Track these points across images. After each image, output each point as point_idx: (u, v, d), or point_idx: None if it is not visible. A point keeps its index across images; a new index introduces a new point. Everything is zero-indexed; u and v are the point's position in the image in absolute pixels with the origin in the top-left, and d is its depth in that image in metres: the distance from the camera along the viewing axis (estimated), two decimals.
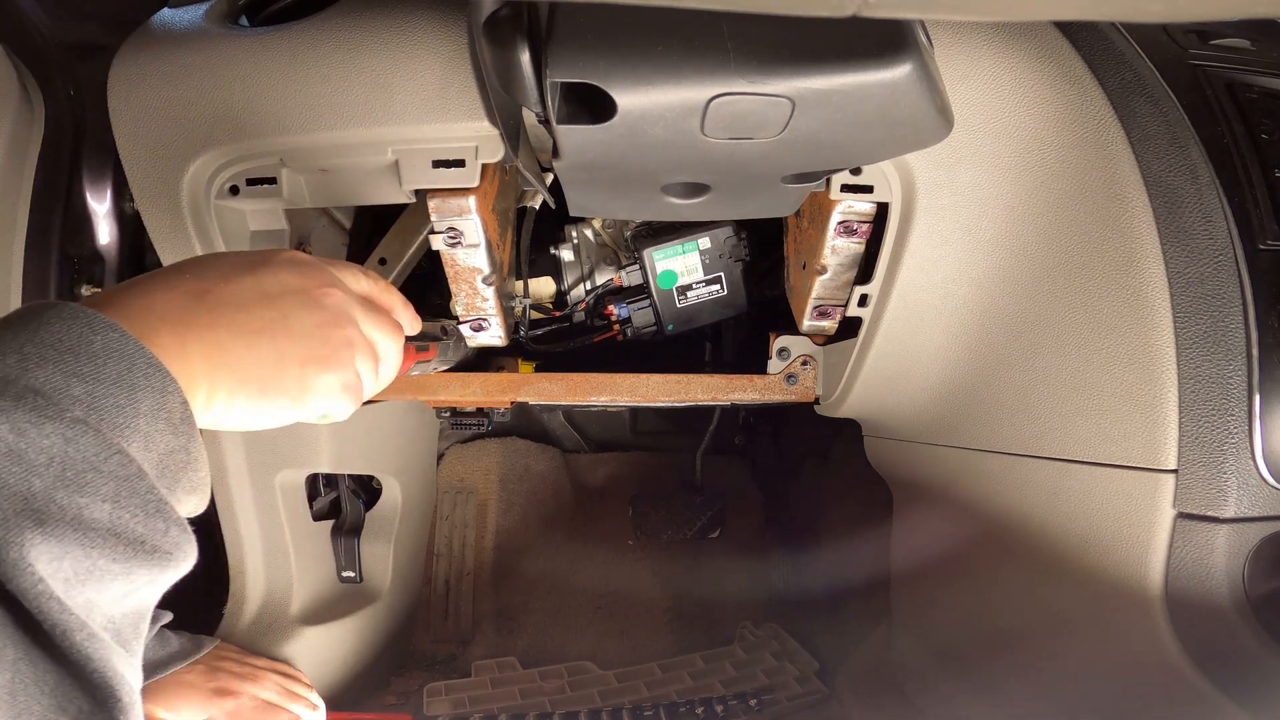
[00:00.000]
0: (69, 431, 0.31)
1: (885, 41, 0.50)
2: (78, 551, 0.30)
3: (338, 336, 0.47)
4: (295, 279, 0.46)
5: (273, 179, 0.79)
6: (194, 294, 0.41)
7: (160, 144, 0.78)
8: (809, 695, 1.19)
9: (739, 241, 1.02)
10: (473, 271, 0.85)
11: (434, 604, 1.48)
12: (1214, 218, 0.66)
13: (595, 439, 1.68)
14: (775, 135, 0.55)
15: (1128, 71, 0.71)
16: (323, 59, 0.73)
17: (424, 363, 0.73)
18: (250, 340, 0.42)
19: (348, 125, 0.74)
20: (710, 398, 1.03)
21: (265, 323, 0.43)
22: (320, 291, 0.47)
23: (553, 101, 0.53)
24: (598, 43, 0.50)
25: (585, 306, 1.09)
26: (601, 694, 1.21)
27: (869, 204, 0.81)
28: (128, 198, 0.98)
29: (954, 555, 0.99)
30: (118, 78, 0.76)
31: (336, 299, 0.48)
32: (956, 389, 0.89)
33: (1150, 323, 0.67)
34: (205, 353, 0.40)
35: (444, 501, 1.56)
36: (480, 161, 0.76)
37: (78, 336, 0.33)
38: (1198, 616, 0.67)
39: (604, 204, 0.74)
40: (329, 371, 0.46)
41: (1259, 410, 0.64)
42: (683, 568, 1.54)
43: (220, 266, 0.44)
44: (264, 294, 0.44)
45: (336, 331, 0.47)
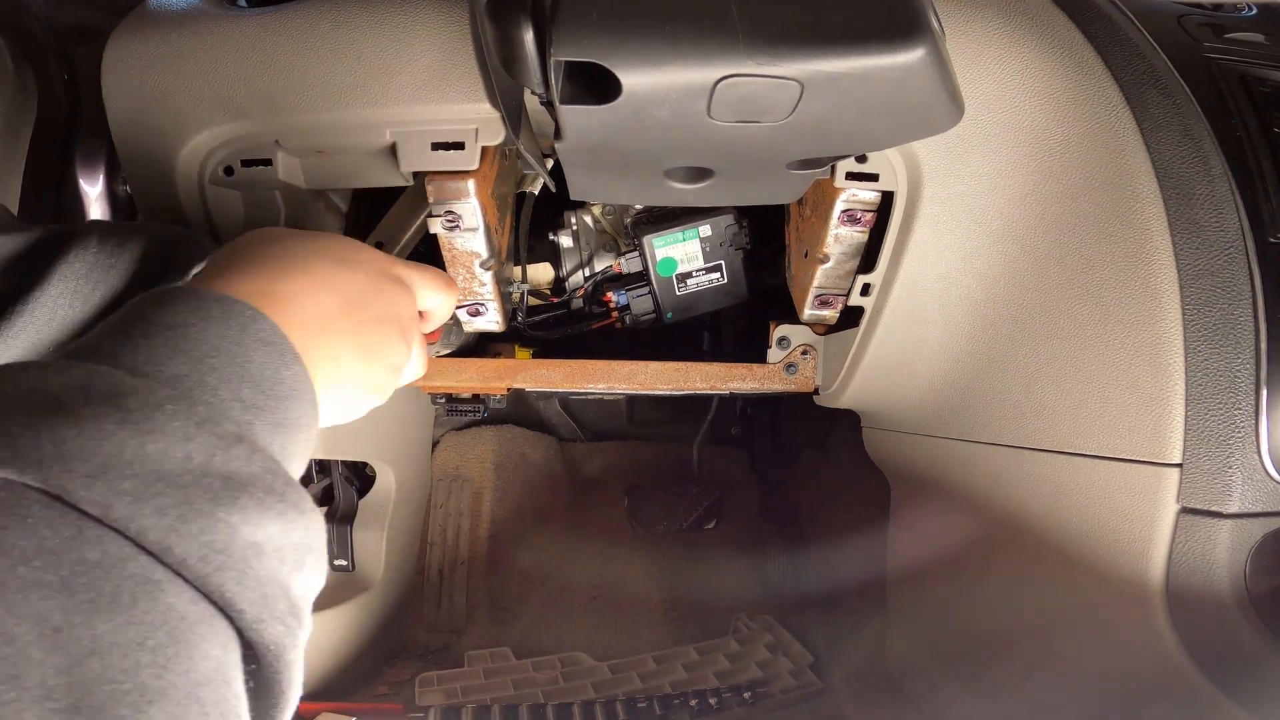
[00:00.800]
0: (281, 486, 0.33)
1: (898, 24, 0.49)
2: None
3: (403, 333, 0.50)
4: (358, 258, 0.49)
5: (268, 160, 0.78)
6: (332, 315, 0.44)
7: (154, 125, 0.77)
8: (803, 688, 1.18)
9: (740, 229, 1.01)
10: (471, 256, 0.84)
11: (427, 593, 1.47)
12: (1225, 210, 0.65)
13: (592, 428, 1.67)
14: (782, 119, 0.54)
15: (1141, 63, 0.70)
16: (321, 39, 0.72)
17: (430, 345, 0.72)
18: (359, 355, 0.46)
19: (345, 106, 0.73)
20: (709, 386, 1.02)
21: (370, 340, 0.47)
22: (382, 272, 0.50)
23: (556, 81, 0.52)
24: (604, 21, 0.49)
25: (584, 293, 1.08)
26: (595, 685, 1.21)
27: (873, 192, 0.80)
28: (120, 180, 0.96)
29: (952, 549, 0.99)
30: (112, 59, 0.75)
31: (402, 279, 0.52)
32: (958, 380, 0.88)
33: (1158, 315, 0.67)
34: (326, 370, 0.43)
35: (438, 489, 1.55)
36: (480, 144, 0.75)
37: (274, 375, 0.37)
38: (1198, 613, 0.67)
39: (606, 188, 0.73)
40: (396, 335, 0.50)
41: (1266, 404, 0.64)
42: (678, 559, 1.54)
43: (350, 280, 0.47)
44: (379, 317, 0.48)
45: (405, 331, 0.51)
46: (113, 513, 0.28)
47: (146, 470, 0.29)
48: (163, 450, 0.30)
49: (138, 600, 0.27)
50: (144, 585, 0.27)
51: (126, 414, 0.30)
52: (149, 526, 0.28)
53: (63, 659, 0.25)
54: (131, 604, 0.27)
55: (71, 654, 0.25)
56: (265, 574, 0.31)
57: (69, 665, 0.25)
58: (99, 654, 0.25)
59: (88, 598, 0.26)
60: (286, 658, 0.31)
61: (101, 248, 0.58)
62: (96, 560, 0.27)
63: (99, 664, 0.25)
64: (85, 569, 0.26)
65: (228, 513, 0.30)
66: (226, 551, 0.30)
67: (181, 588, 0.29)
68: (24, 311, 0.53)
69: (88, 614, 0.26)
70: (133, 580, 0.27)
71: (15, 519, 0.26)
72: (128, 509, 0.28)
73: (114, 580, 0.27)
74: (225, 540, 0.30)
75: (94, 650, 0.25)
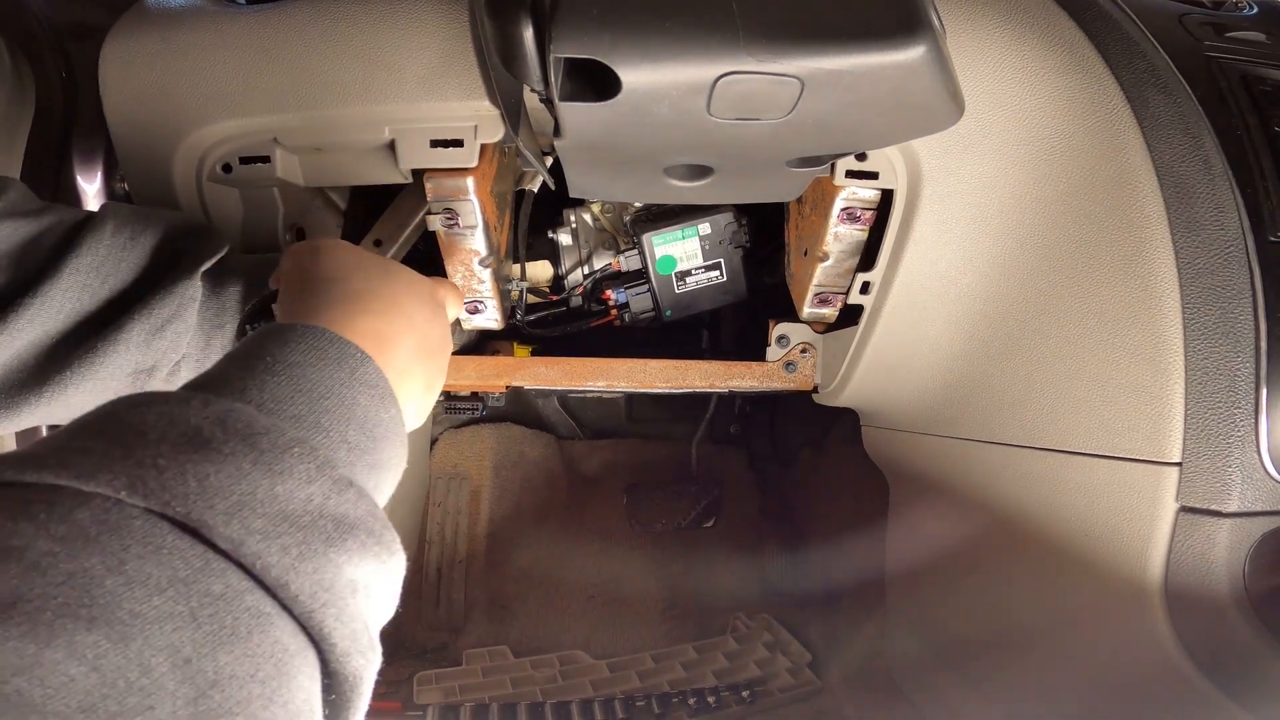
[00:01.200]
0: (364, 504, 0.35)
1: (899, 22, 0.49)
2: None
3: (446, 330, 0.55)
4: (427, 295, 0.53)
5: (266, 157, 0.78)
6: (415, 356, 0.49)
7: (152, 122, 0.77)
8: (801, 687, 1.18)
9: (739, 228, 1.01)
10: (469, 253, 0.84)
11: (425, 592, 1.47)
12: (1225, 209, 0.65)
13: (590, 426, 1.67)
14: (783, 116, 0.54)
15: (1141, 61, 0.70)
16: (320, 35, 0.71)
17: None
18: (426, 389, 0.51)
19: (344, 103, 0.73)
20: (708, 384, 1.02)
21: (433, 374, 0.52)
22: (435, 298, 0.55)
23: (556, 78, 0.52)
24: (603, 17, 0.48)
25: (583, 291, 1.08)
26: (593, 683, 1.21)
27: (873, 190, 0.80)
28: (118, 177, 0.96)
29: (951, 548, 0.99)
30: (110, 56, 0.75)
31: (442, 301, 0.56)
32: (958, 378, 0.88)
33: (1158, 313, 0.67)
34: (404, 407, 0.46)
35: (437, 487, 1.55)
36: (479, 141, 0.75)
37: (375, 418, 0.40)
38: (1197, 612, 0.67)
39: (605, 185, 0.73)
40: (444, 359, 0.54)
41: (1265, 403, 0.64)
42: (676, 557, 1.54)
43: (425, 319, 0.51)
44: (439, 348, 0.53)
45: (446, 330, 0.55)
46: (244, 549, 0.29)
47: (275, 510, 0.31)
48: (290, 491, 0.32)
49: (252, 633, 0.28)
50: (257, 619, 0.29)
51: (260, 454, 0.32)
52: (272, 564, 0.29)
53: (190, 690, 0.26)
54: (247, 636, 0.28)
55: (198, 685, 0.26)
56: (357, 611, 0.32)
57: (195, 696, 0.26)
58: (220, 685, 0.26)
59: (212, 629, 0.27)
60: (361, 689, 0.33)
61: (114, 240, 0.59)
62: (220, 593, 0.28)
63: (220, 696, 0.26)
64: (210, 601, 0.28)
65: (337, 553, 0.32)
66: (332, 589, 0.31)
67: (286, 622, 0.30)
68: (33, 304, 0.54)
69: (212, 646, 0.27)
70: (248, 614, 0.28)
71: (151, 549, 0.27)
72: (257, 546, 0.29)
73: (234, 613, 0.28)
74: (331, 579, 0.31)
75: (216, 682, 0.26)
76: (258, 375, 0.37)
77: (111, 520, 0.28)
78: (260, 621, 0.29)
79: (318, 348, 0.39)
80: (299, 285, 0.50)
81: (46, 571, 0.25)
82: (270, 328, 0.41)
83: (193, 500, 0.29)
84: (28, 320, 0.54)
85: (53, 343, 0.56)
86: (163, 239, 0.62)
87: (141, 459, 0.30)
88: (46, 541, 0.26)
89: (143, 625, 0.26)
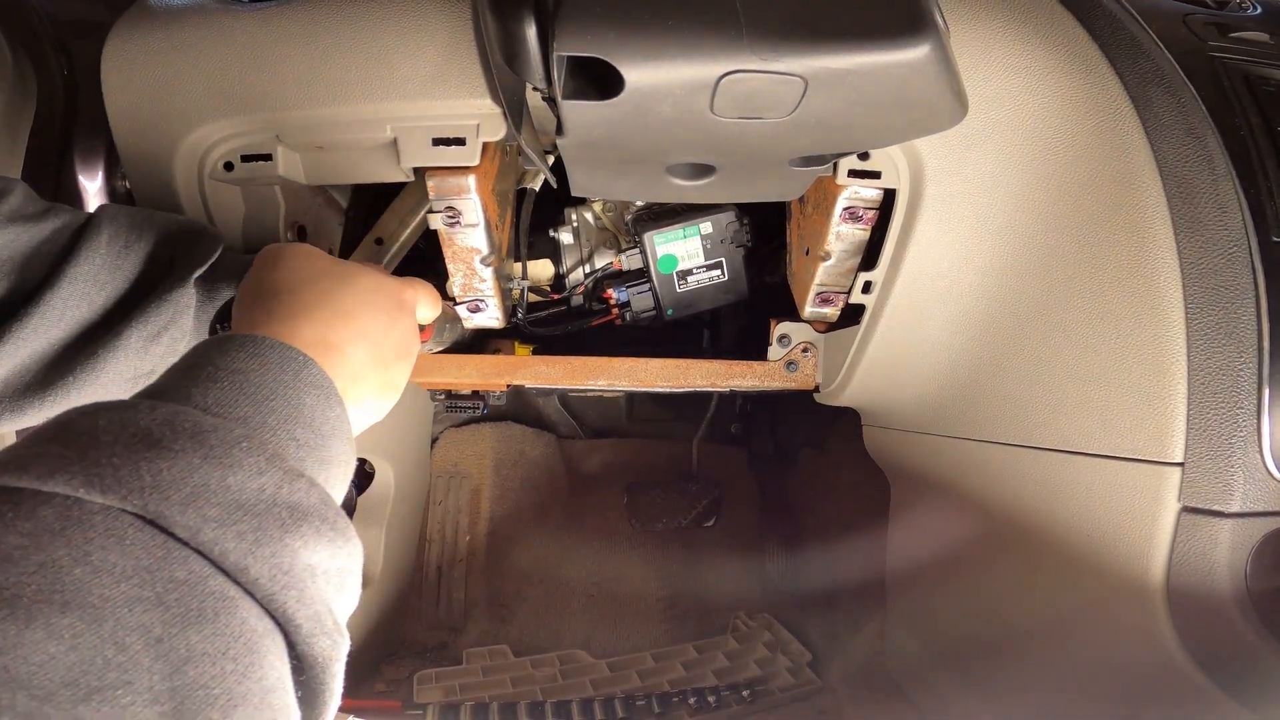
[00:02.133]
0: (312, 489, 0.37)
1: (903, 21, 0.48)
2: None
3: (410, 355, 0.58)
4: (387, 302, 0.55)
5: (268, 155, 0.78)
6: (367, 362, 0.51)
7: (153, 120, 0.77)
8: (801, 686, 1.18)
9: (741, 227, 1.01)
10: (471, 252, 0.84)
11: (425, 590, 1.47)
12: (1229, 209, 0.65)
13: (591, 425, 1.67)
14: (786, 115, 0.54)
15: (1145, 61, 0.70)
16: (322, 33, 0.71)
17: (423, 343, 0.73)
18: (380, 391, 0.54)
19: (346, 101, 0.73)
20: (709, 383, 1.02)
21: (390, 376, 0.55)
22: (398, 302, 0.57)
23: (559, 77, 0.52)
24: (607, 16, 0.48)
25: (584, 290, 1.08)
26: (594, 683, 1.21)
27: (876, 190, 0.80)
28: (120, 175, 0.96)
29: (952, 548, 0.99)
30: (112, 53, 0.75)
31: (409, 305, 0.58)
32: (959, 378, 0.88)
33: (1161, 313, 0.67)
34: (355, 409, 0.52)
35: (437, 486, 1.55)
36: (481, 140, 0.75)
37: (322, 415, 0.42)
38: (1199, 612, 0.67)
39: (607, 184, 0.73)
40: (405, 362, 0.57)
41: (1268, 404, 0.64)
42: (677, 556, 1.54)
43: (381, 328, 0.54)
44: (396, 353, 0.55)
45: (411, 351, 0.58)
46: (200, 536, 0.31)
47: (228, 499, 0.33)
48: (241, 482, 0.34)
49: (219, 615, 0.30)
50: (222, 601, 0.31)
51: (209, 450, 0.34)
52: (230, 549, 0.32)
53: (165, 666, 0.28)
54: (214, 617, 0.30)
55: (172, 662, 0.28)
56: (317, 594, 0.34)
57: (170, 672, 0.28)
58: (193, 662, 0.29)
59: (179, 611, 0.29)
60: (331, 669, 0.35)
61: (110, 249, 0.60)
62: (184, 578, 0.30)
63: (194, 672, 0.28)
64: (175, 586, 0.30)
65: (293, 539, 0.34)
66: (290, 573, 0.33)
67: (250, 605, 0.32)
68: (36, 313, 0.56)
69: (181, 626, 0.29)
70: (213, 597, 0.31)
71: (114, 540, 0.30)
72: (214, 533, 0.31)
73: (199, 596, 0.30)
74: (289, 563, 0.33)
75: (189, 659, 0.29)
76: (201, 383, 0.39)
77: (73, 515, 0.30)
78: (226, 604, 0.31)
79: (258, 354, 0.41)
80: (252, 295, 0.52)
81: (19, 563, 0.27)
82: (212, 339, 0.43)
83: (148, 494, 0.31)
84: (31, 330, 0.56)
85: (55, 351, 0.57)
86: (156, 245, 0.63)
87: (96, 459, 0.31)
88: (15, 537, 0.28)
89: (113, 608, 0.28)
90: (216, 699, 0.29)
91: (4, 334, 0.55)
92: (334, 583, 0.36)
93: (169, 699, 0.27)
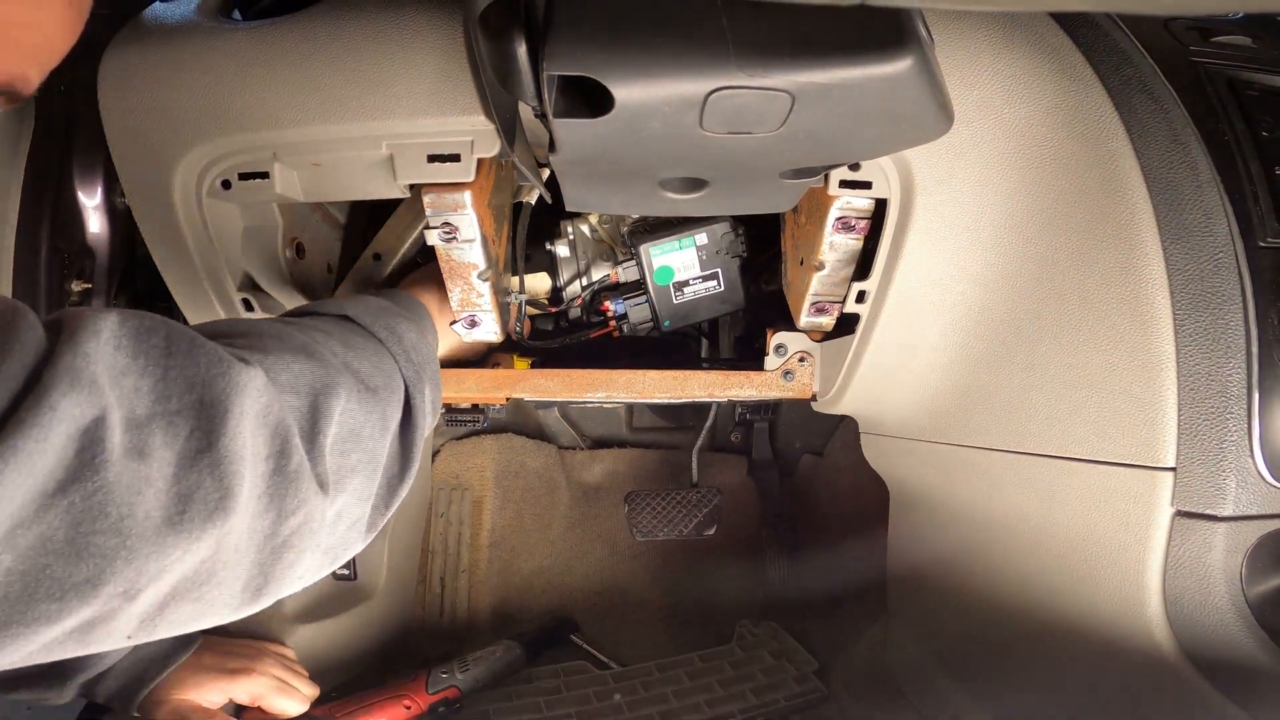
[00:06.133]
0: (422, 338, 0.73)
1: (886, 35, 0.49)
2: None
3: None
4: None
5: (265, 174, 0.79)
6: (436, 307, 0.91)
7: (151, 138, 0.77)
8: (807, 694, 1.18)
9: (736, 237, 1.01)
10: (468, 267, 0.85)
11: (429, 602, 1.47)
12: (1214, 215, 0.66)
13: (591, 435, 1.67)
14: (774, 130, 0.54)
15: (1129, 68, 0.71)
16: (316, 52, 0.72)
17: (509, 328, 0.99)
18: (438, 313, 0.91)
19: (341, 119, 0.73)
20: (707, 394, 1.02)
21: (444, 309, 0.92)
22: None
23: (549, 95, 0.53)
24: (595, 35, 0.49)
25: (581, 302, 1.08)
26: (596, 694, 1.21)
27: (867, 200, 0.80)
28: (118, 192, 0.97)
29: (950, 553, 0.99)
30: (108, 72, 0.76)
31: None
32: (954, 386, 0.88)
33: (1150, 320, 0.67)
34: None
35: (439, 499, 1.55)
36: (476, 156, 0.75)
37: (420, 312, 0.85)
38: (1195, 615, 0.67)
39: (601, 199, 0.73)
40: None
41: (1258, 408, 0.64)
42: (679, 566, 1.54)
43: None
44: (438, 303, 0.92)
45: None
46: (363, 319, 0.68)
47: (409, 336, 0.69)
48: (380, 305, 0.72)
49: (367, 343, 0.65)
50: (368, 340, 0.66)
51: (406, 319, 0.72)
52: (369, 321, 0.68)
53: (347, 361, 0.61)
54: (364, 345, 0.64)
55: (349, 360, 0.61)
56: (409, 343, 0.69)
57: (349, 365, 0.61)
58: (371, 376, 0.62)
59: (364, 351, 0.64)
60: (421, 406, 0.66)
61: None
62: (372, 349, 0.65)
63: (369, 374, 0.62)
64: (352, 336, 0.65)
65: (395, 320, 0.70)
66: (394, 331, 0.68)
67: (379, 344, 0.66)
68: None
69: (349, 347, 0.62)
70: (364, 337, 0.66)
71: (359, 336, 0.65)
72: (383, 333, 0.67)
73: (361, 336, 0.65)
74: (394, 326, 0.69)
75: (356, 353, 0.62)
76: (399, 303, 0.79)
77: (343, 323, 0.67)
78: (370, 342, 0.65)
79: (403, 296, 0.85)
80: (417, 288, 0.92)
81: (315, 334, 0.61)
82: (400, 294, 0.85)
83: (380, 326, 0.68)
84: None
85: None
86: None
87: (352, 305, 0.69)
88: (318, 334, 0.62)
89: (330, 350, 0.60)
90: (371, 375, 0.61)
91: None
92: (418, 343, 0.70)
93: (353, 377, 0.59)
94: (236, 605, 0.49)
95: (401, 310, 0.73)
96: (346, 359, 0.59)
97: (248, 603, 0.50)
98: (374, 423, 0.58)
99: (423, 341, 0.70)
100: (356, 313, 0.67)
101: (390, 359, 0.65)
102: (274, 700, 0.90)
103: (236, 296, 0.88)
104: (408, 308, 0.78)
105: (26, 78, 0.46)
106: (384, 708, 1.08)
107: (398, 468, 0.63)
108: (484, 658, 1.22)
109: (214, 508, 0.43)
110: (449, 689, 1.15)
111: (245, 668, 0.91)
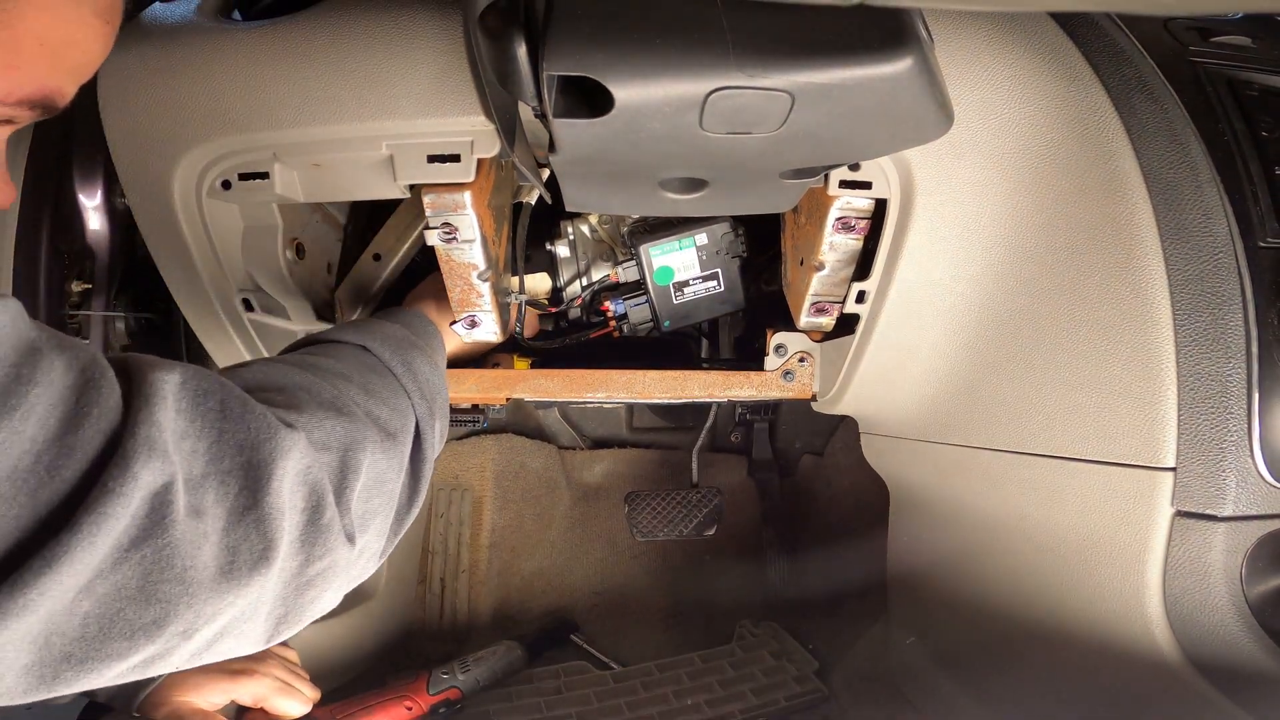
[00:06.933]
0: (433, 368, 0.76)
1: (886, 35, 0.49)
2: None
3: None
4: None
5: (265, 174, 0.79)
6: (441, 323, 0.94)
7: (151, 139, 0.77)
8: (807, 695, 1.18)
9: (736, 238, 1.01)
10: (468, 267, 0.85)
11: (429, 602, 1.47)
12: (1214, 215, 0.66)
13: (591, 435, 1.67)
14: (774, 130, 0.54)
15: (1128, 68, 0.71)
16: (316, 53, 0.72)
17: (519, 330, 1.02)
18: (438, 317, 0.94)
19: (341, 120, 0.73)
20: (707, 394, 1.03)
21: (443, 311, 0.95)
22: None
23: (549, 95, 0.53)
24: (595, 35, 0.49)
25: (581, 303, 1.08)
26: (597, 694, 1.21)
27: (867, 200, 0.80)
28: (118, 193, 0.97)
29: (951, 553, 0.99)
30: (108, 73, 0.76)
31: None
32: (954, 386, 0.88)
33: (1150, 320, 0.67)
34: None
35: (439, 499, 1.55)
36: (475, 156, 0.75)
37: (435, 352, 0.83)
38: (1195, 615, 0.67)
39: (601, 199, 0.73)
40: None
41: (1258, 408, 0.64)
42: (679, 566, 1.54)
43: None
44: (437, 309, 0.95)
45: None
46: (377, 351, 0.71)
47: (423, 371, 0.73)
48: (393, 332, 0.76)
49: (383, 377, 0.69)
50: (384, 376, 0.69)
51: (420, 350, 0.75)
52: (386, 354, 0.71)
53: (364, 395, 0.64)
54: (381, 378, 0.68)
55: (368, 392, 0.65)
56: (421, 375, 0.72)
57: (366, 398, 0.64)
58: (373, 396, 0.65)
59: (369, 378, 0.67)
60: (430, 439, 0.69)
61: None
62: (371, 364, 0.69)
63: (376, 406, 0.64)
64: (369, 370, 0.68)
65: (410, 353, 0.73)
66: (408, 364, 0.72)
67: (394, 378, 0.70)
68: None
69: (368, 384, 0.66)
70: (380, 372, 0.69)
71: (375, 375, 0.68)
72: (381, 350, 0.71)
73: (377, 372, 0.69)
74: (410, 359, 0.72)
75: (372, 394, 0.65)
76: (414, 329, 0.81)
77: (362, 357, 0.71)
78: (385, 376, 0.69)
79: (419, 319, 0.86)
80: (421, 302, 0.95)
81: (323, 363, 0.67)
82: (412, 314, 0.87)
83: (394, 356, 0.71)
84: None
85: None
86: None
87: (360, 333, 0.73)
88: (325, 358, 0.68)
89: (345, 381, 0.64)
90: (390, 419, 0.63)
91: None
92: (431, 375, 0.73)
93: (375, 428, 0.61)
94: (266, 638, 0.54)
95: (417, 340, 0.77)
96: (368, 408, 0.62)
97: (273, 634, 0.54)
98: (394, 467, 0.62)
99: (435, 374, 0.75)
100: (375, 346, 0.71)
101: (405, 397, 0.68)
102: (277, 702, 0.90)
103: (236, 297, 0.88)
104: (421, 334, 0.81)
105: (64, 92, 0.49)
106: (385, 709, 1.08)
107: (407, 497, 0.66)
108: (485, 658, 1.22)
109: (258, 558, 0.48)
110: (450, 690, 1.15)
111: (248, 669, 0.91)
